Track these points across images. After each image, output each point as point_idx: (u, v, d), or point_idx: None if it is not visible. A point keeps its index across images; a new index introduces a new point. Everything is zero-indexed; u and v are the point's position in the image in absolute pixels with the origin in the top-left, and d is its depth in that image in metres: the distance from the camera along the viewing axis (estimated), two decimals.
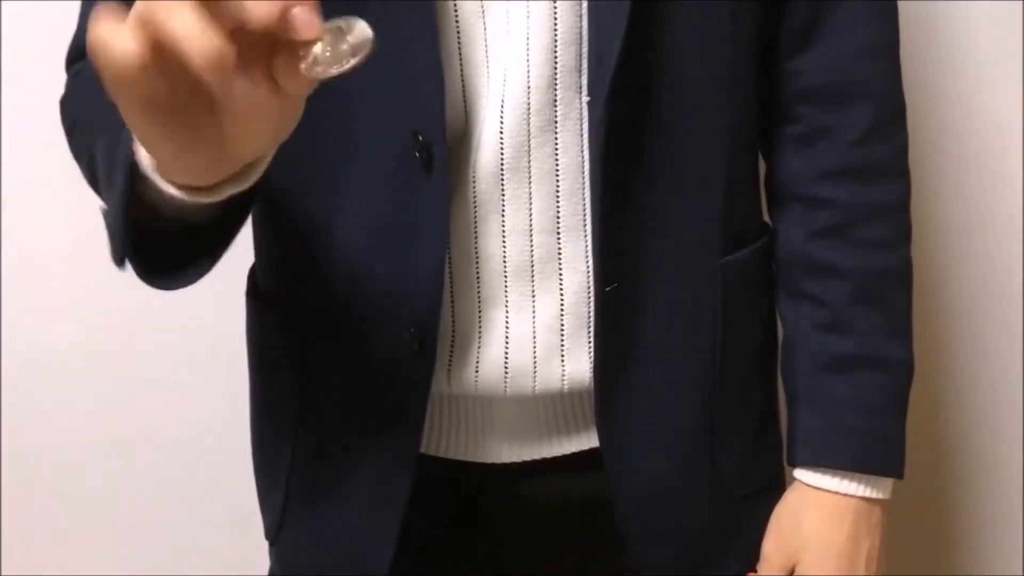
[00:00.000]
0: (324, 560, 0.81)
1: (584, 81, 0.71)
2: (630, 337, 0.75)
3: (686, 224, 0.75)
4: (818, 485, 0.79)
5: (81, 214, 1.20)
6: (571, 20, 0.70)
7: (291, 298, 0.79)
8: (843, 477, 0.78)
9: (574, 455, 0.80)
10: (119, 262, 0.60)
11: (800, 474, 0.80)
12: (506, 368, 0.75)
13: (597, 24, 0.69)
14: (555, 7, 0.69)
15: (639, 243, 0.74)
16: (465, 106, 0.71)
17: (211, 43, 0.44)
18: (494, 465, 0.80)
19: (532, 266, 0.74)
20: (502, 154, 0.71)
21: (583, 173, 0.73)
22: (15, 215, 1.19)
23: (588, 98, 0.70)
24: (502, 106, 0.70)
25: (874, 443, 0.78)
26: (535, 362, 0.75)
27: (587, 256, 0.74)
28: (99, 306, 1.22)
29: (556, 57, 0.70)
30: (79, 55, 0.79)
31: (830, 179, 0.78)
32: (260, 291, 0.83)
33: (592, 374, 0.75)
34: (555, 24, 0.70)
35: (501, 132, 0.71)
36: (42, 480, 1.26)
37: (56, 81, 0.80)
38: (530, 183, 0.72)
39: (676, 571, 0.80)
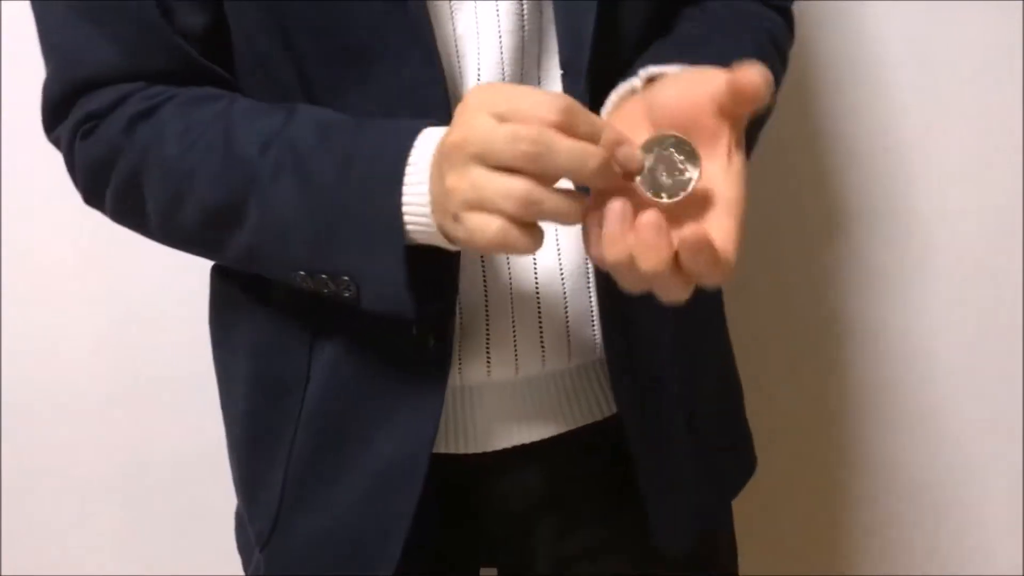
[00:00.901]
0: (325, 561, 0.80)
1: (540, 74, 0.74)
2: (623, 316, 0.76)
3: None
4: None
5: (81, 215, 1.20)
6: (536, 17, 0.73)
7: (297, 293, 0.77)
8: None
9: (555, 438, 0.81)
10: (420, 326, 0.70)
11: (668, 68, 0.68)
12: (488, 356, 0.76)
13: (566, 11, 0.71)
14: (523, 6, 0.72)
15: None
16: None
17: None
18: (483, 455, 0.80)
19: None
20: None
21: None
22: (15, 215, 1.19)
23: (563, 71, 0.72)
24: None
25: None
26: (515, 348, 0.76)
27: (556, 237, 0.75)
28: (100, 306, 1.22)
29: (524, 55, 0.73)
30: (71, 100, 0.75)
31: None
32: (261, 284, 0.79)
33: (597, 352, 0.77)
34: (524, 23, 0.72)
35: None
36: (42, 480, 1.26)
37: None
38: None
39: (686, 529, 0.83)
